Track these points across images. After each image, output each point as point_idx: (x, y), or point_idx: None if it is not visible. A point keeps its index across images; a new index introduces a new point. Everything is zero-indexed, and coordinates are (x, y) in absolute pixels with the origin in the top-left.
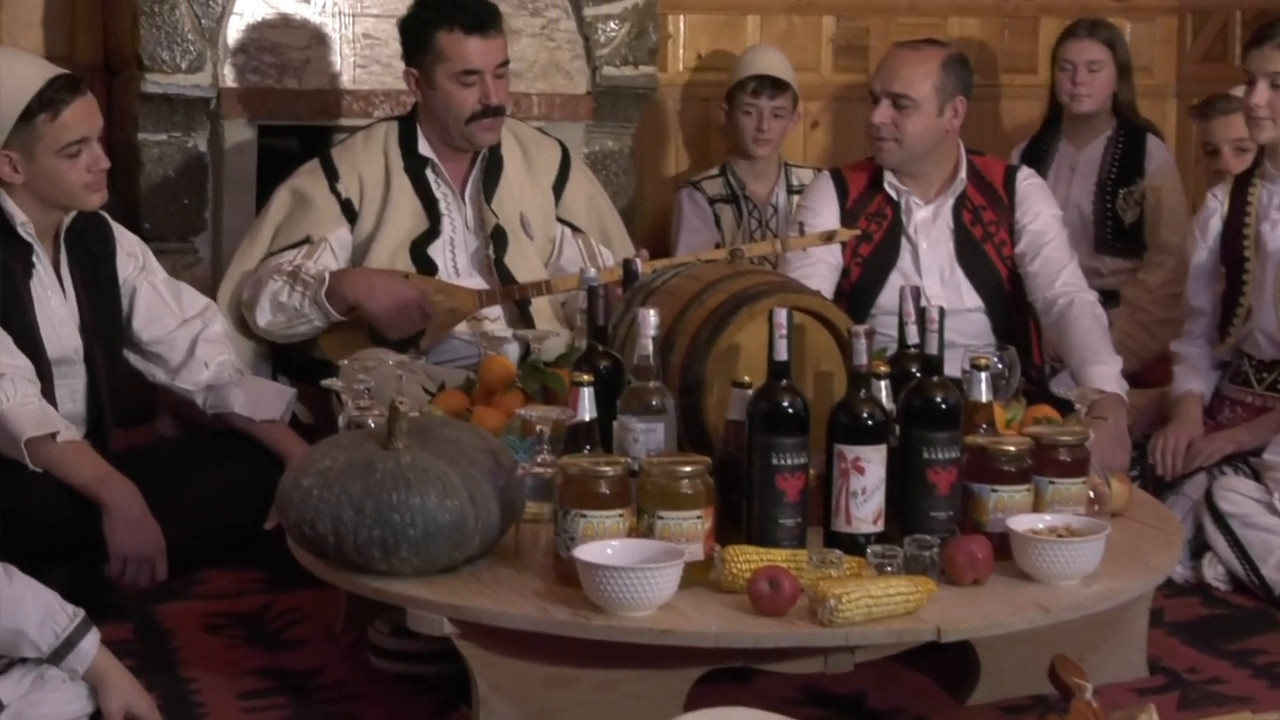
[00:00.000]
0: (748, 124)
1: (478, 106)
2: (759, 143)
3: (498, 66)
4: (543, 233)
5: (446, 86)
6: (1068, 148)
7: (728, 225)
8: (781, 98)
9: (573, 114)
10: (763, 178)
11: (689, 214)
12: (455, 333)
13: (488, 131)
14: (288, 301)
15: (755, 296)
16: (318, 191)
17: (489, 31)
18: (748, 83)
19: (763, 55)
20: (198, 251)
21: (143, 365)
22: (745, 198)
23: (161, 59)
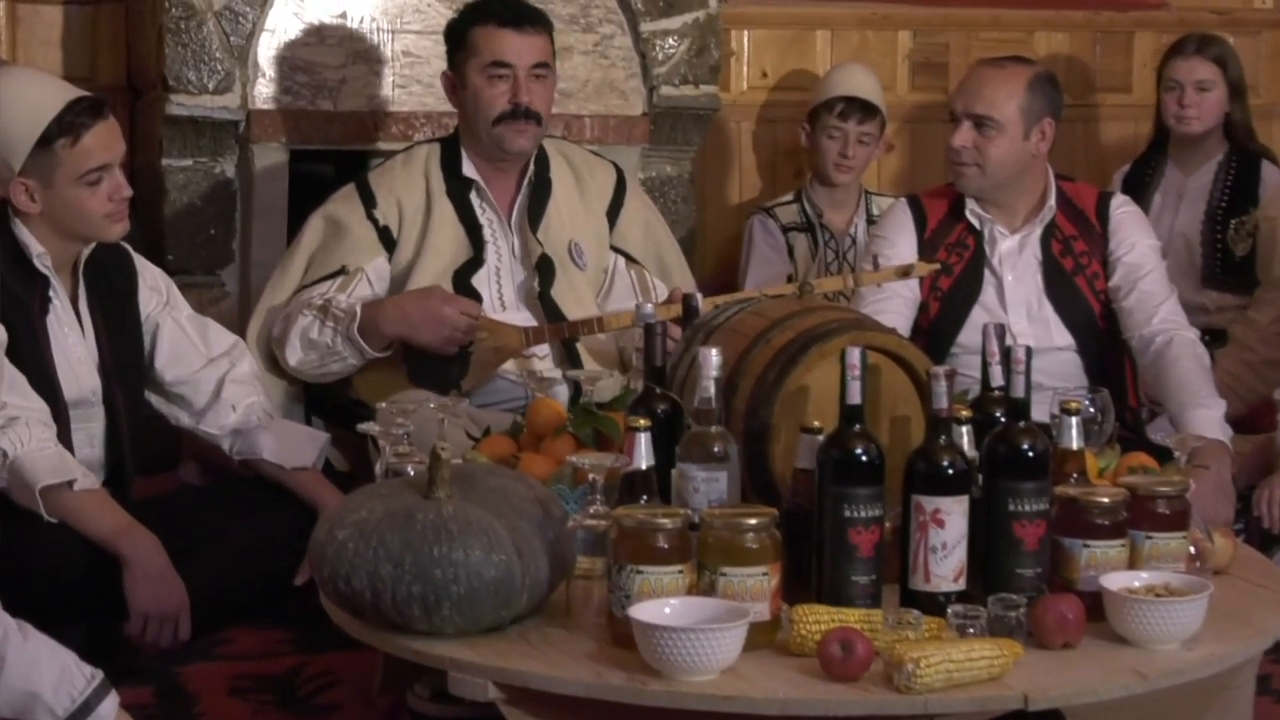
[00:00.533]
0: (830, 148)
1: (507, 106)
2: (841, 169)
3: (534, 66)
4: (595, 262)
5: (476, 82)
6: (1175, 173)
7: (801, 256)
8: (870, 123)
9: (628, 137)
10: (841, 206)
11: (760, 243)
12: (501, 373)
13: (518, 136)
14: (319, 338)
15: (826, 335)
16: (353, 218)
17: (525, 27)
18: (834, 104)
19: (852, 75)
20: (225, 285)
21: (166, 408)
22: (822, 226)
23: (188, 79)
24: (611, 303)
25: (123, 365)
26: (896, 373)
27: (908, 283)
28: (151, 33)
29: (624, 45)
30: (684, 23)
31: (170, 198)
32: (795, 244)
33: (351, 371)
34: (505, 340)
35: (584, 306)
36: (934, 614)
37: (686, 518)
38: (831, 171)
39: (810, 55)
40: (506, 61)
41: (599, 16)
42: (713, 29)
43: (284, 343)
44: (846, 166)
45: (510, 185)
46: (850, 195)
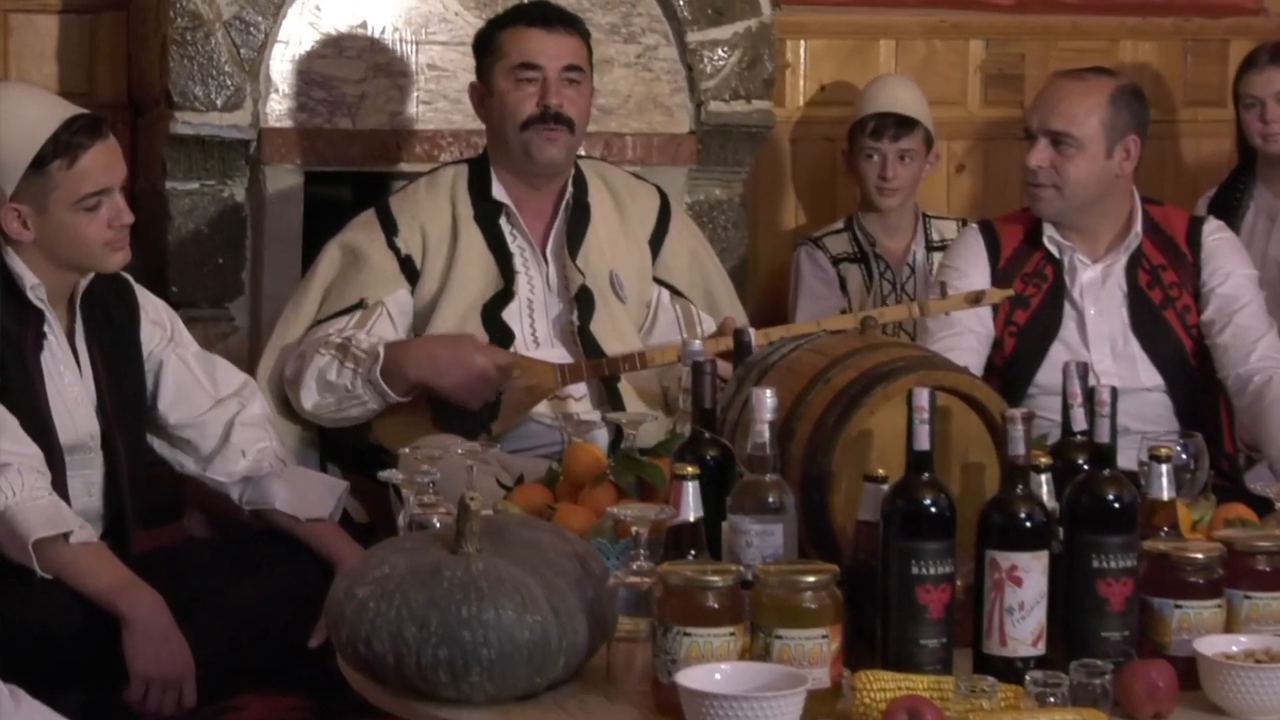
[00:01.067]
0: (869, 170)
1: (535, 109)
2: (883, 192)
3: (566, 69)
4: (637, 295)
5: (503, 86)
6: (1264, 195)
7: (855, 288)
8: (908, 138)
9: (673, 157)
10: (896, 232)
11: (808, 276)
12: (534, 415)
13: (548, 144)
14: (337, 380)
15: (891, 374)
16: (373, 247)
17: (555, 26)
18: (866, 122)
19: (886, 88)
20: (234, 319)
21: (169, 453)
22: (876, 255)
23: (194, 95)
24: (655, 340)
25: (123, 407)
26: (968, 415)
27: (980, 318)
28: (155, 44)
29: (669, 57)
30: (735, 32)
31: (174, 224)
32: (847, 276)
33: (372, 416)
34: (539, 379)
35: (625, 343)
36: (1011, 681)
37: (738, 575)
38: (875, 195)
39: (872, 67)
40: (535, 62)
41: (641, 25)
42: (766, 39)
43: (298, 384)
44: (890, 189)
45: (545, 209)
46: (904, 220)
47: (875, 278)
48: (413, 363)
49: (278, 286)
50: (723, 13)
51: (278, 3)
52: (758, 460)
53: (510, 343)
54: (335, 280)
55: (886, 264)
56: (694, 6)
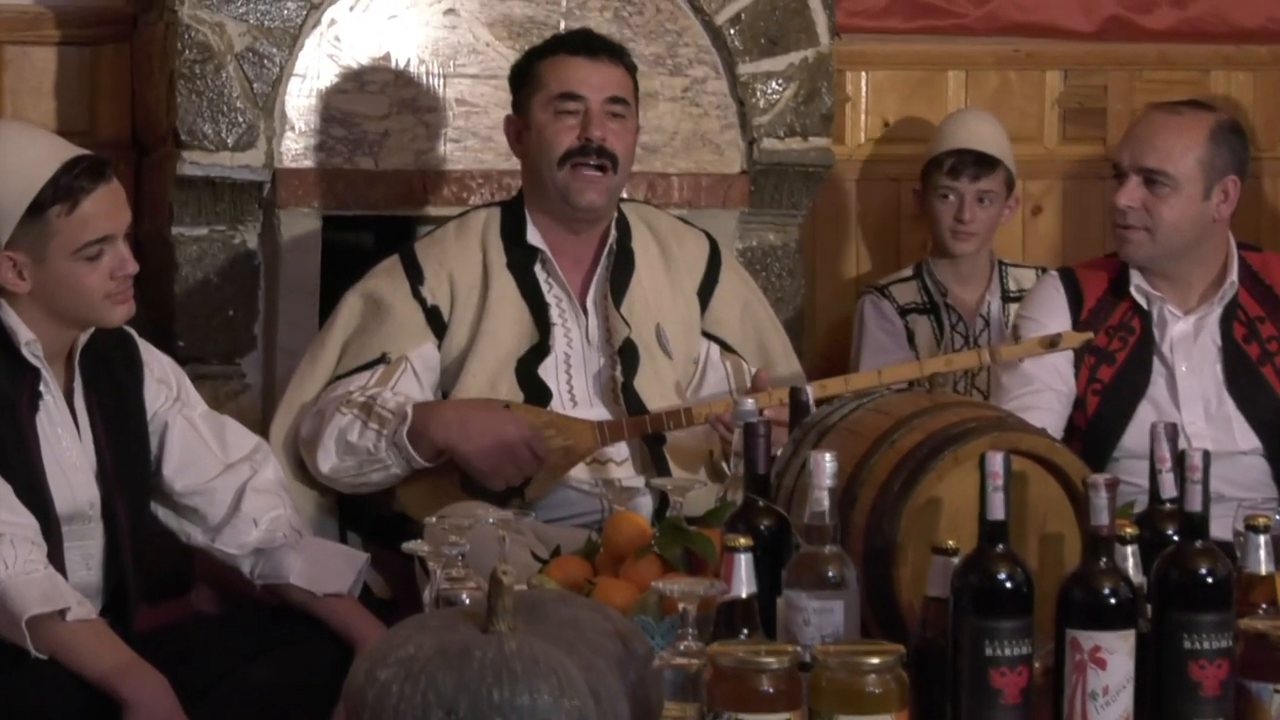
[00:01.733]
0: (944, 212)
1: (576, 142)
2: (959, 236)
3: (609, 101)
4: (684, 350)
5: (541, 118)
6: None
7: (924, 342)
8: (989, 178)
9: (723, 199)
10: (970, 281)
11: (873, 328)
12: (571, 480)
13: (588, 187)
14: (359, 442)
15: (962, 436)
16: (397, 297)
17: (599, 55)
18: (944, 159)
19: (966, 123)
20: (245, 377)
21: (175, 523)
22: (947, 306)
23: (203, 133)
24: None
25: (125, 472)
26: (1047, 482)
27: (1060, 374)
28: (161, 79)
29: (719, 90)
30: (790, 63)
31: (182, 273)
32: (915, 328)
33: (396, 482)
34: (576, 439)
35: (671, 402)
36: None
37: (795, 655)
38: (948, 239)
39: (940, 101)
40: (576, 92)
41: (689, 57)
42: (824, 70)
43: (315, 445)
44: (965, 233)
45: (585, 256)
46: (979, 268)
47: (946, 330)
48: (440, 425)
49: (293, 341)
50: (777, 42)
51: (294, 33)
52: (816, 530)
53: (547, 401)
54: (355, 333)
55: (959, 315)
56: (746, 36)
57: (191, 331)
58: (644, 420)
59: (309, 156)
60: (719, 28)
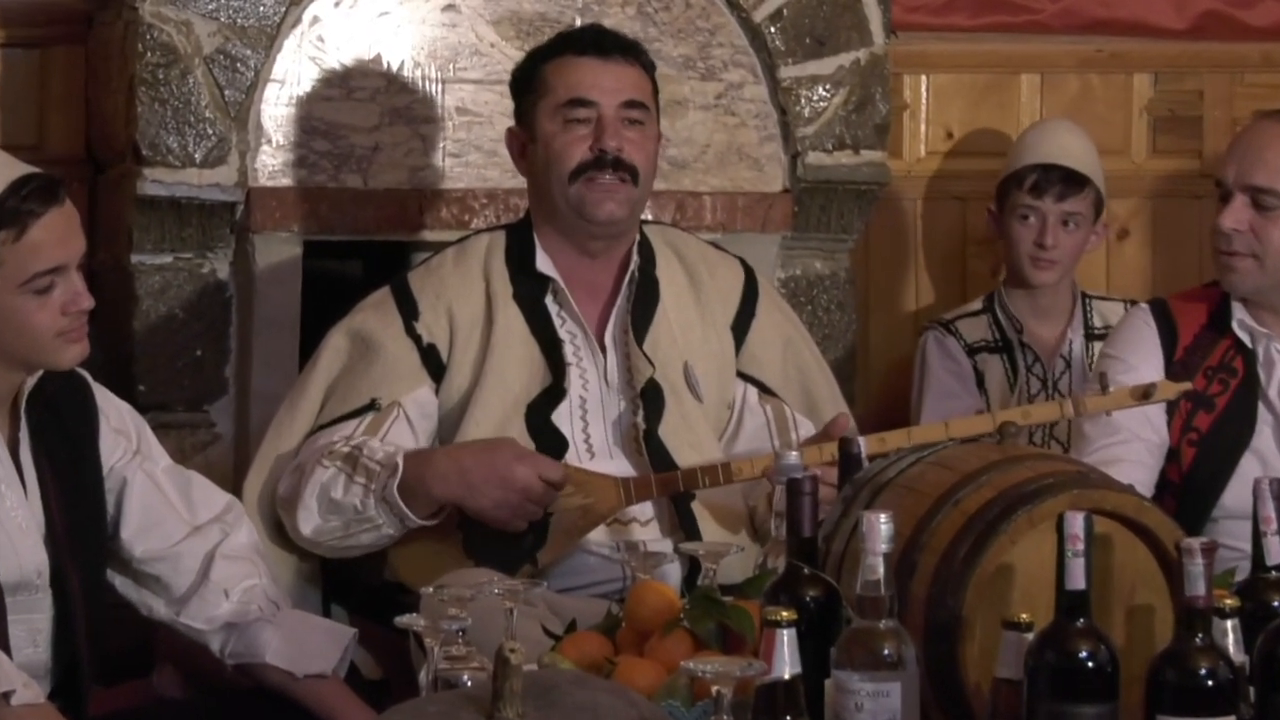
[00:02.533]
0: (1023, 236)
1: (588, 154)
2: (1040, 264)
3: (625, 106)
4: (716, 393)
5: (548, 128)
6: None
7: (995, 385)
8: (1076, 198)
9: (763, 221)
10: (1049, 315)
11: (937, 368)
12: (589, 543)
13: (605, 198)
14: (344, 499)
15: (1037, 494)
16: (388, 335)
17: (612, 55)
18: (1025, 175)
19: (1052, 135)
20: (215, 426)
21: (135, 593)
22: (1022, 344)
23: (167, 147)
24: (739, 450)
25: (78, 536)
26: (1135, 546)
27: (1151, 422)
28: (119, 85)
29: (757, 96)
30: (839, 66)
31: (143, 308)
32: (986, 369)
33: (387, 544)
34: (596, 496)
35: (702, 452)
36: None
37: None
38: (1027, 267)
39: (1012, 108)
40: (587, 98)
41: (723, 59)
42: (879, 74)
43: (295, 504)
44: (1047, 261)
45: (602, 285)
46: (1059, 301)
47: (1021, 372)
48: (437, 476)
49: (270, 385)
50: (824, 42)
51: (271, 33)
52: (870, 602)
53: (562, 452)
54: (340, 376)
55: (1035, 355)
56: (788, 35)
57: (153, 374)
58: (675, 477)
59: (288, 174)
60: (757, 26)
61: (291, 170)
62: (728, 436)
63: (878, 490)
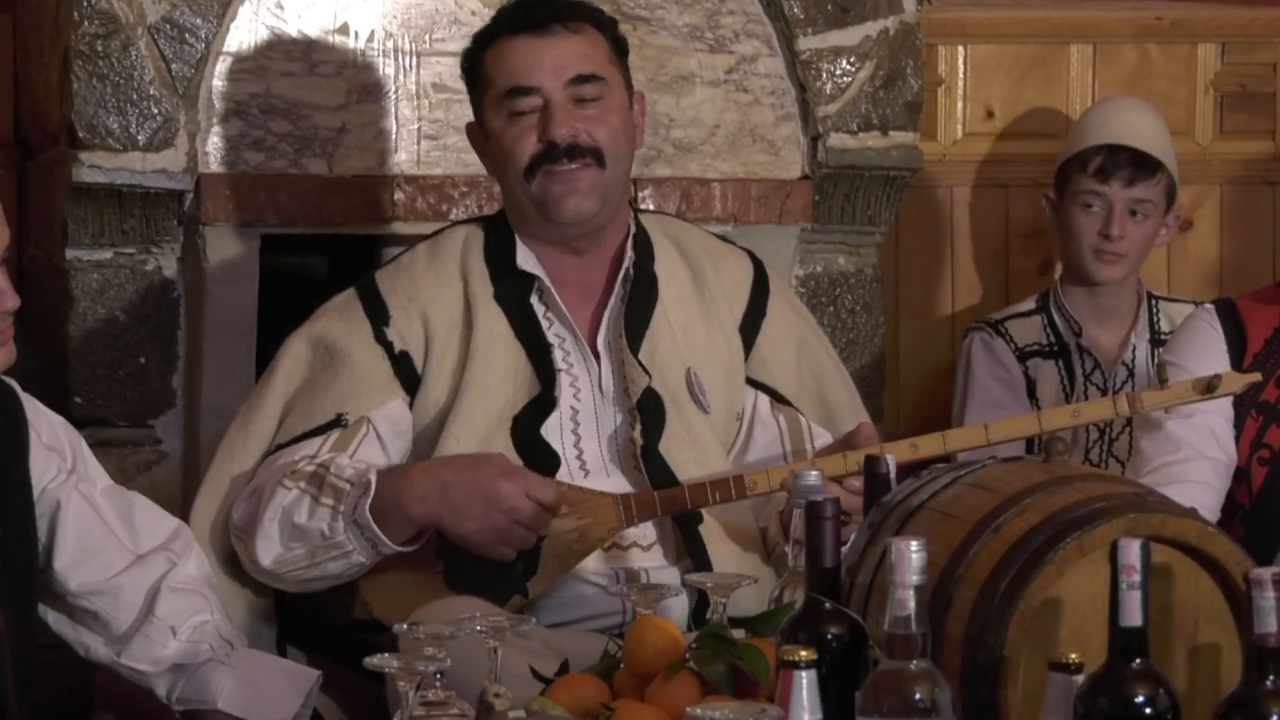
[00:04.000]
0: (1086, 226)
1: (537, 147)
2: (1104, 258)
3: (571, 83)
4: (723, 402)
5: (495, 124)
6: None
7: (1049, 393)
8: (1147, 184)
9: (779, 212)
10: (1111, 317)
11: (983, 375)
12: (585, 572)
13: (565, 192)
14: (309, 523)
15: (1088, 519)
16: (354, 341)
17: (550, 28)
18: (1089, 157)
19: (1120, 113)
20: (160, 443)
21: (71, 631)
22: (1081, 349)
23: (106, 129)
24: (750, 465)
25: (4, 567)
26: (1198, 578)
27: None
28: (53, 58)
29: (772, 71)
30: (865, 36)
31: (79, 309)
32: (1038, 375)
33: (358, 574)
34: (593, 517)
35: (708, 469)
36: None
37: None
38: (1090, 261)
39: (1060, 83)
40: (526, 85)
41: (734, 28)
42: (910, 45)
43: (253, 531)
44: (1112, 254)
45: (593, 283)
46: (1124, 301)
47: (1078, 379)
48: (415, 496)
49: (223, 397)
50: (848, 9)
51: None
52: (900, 641)
53: (554, 469)
54: (302, 388)
55: (1095, 361)
56: (808, 2)
57: (91, 385)
58: (681, 494)
59: (243, 158)
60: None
61: (247, 154)
62: (736, 451)
63: (908, 515)
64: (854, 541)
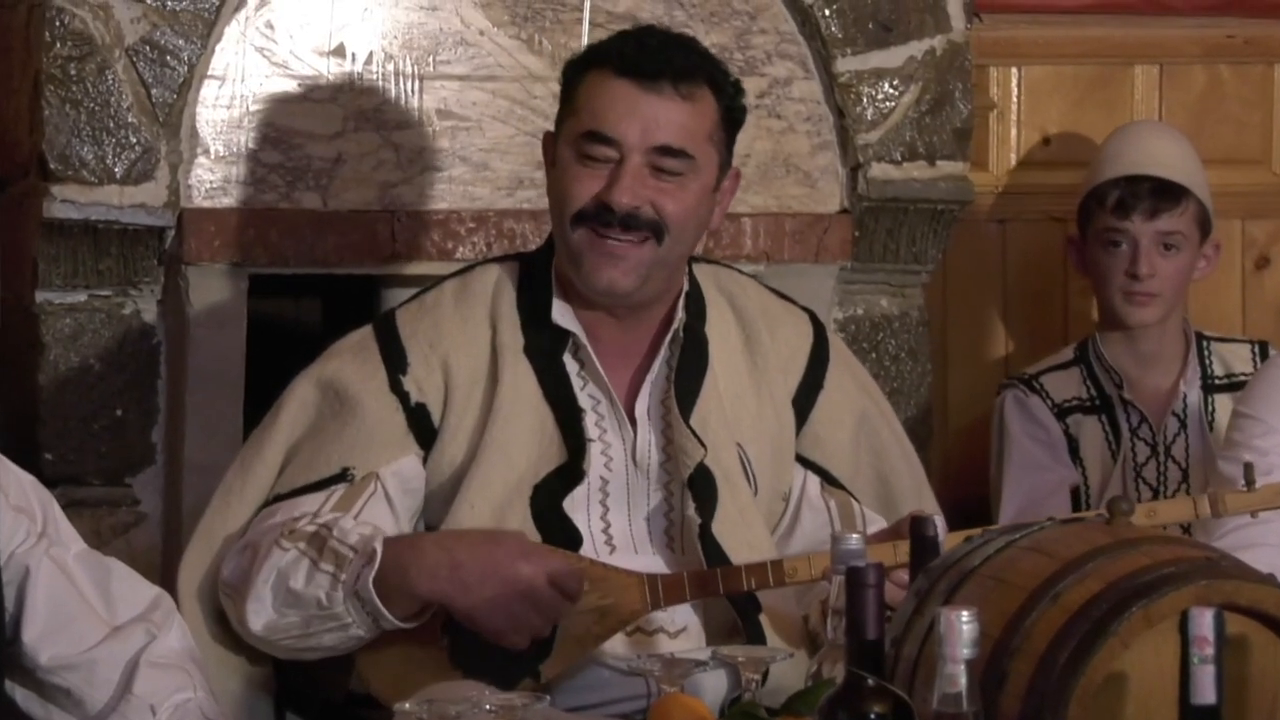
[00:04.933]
0: (1113, 266)
1: (589, 203)
2: (1133, 299)
3: (654, 152)
4: (770, 480)
5: (565, 155)
6: None
7: (1094, 454)
8: (1172, 215)
9: (815, 249)
10: (1155, 363)
11: (1019, 435)
12: (605, 655)
13: (603, 263)
14: (305, 590)
15: (1156, 586)
16: (368, 389)
17: (657, 81)
18: (1105, 191)
19: (1138, 140)
20: (139, 503)
21: (40, 710)
22: (1125, 403)
23: (81, 160)
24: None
25: None
26: (1277, 649)
27: None
28: (23, 84)
29: (809, 95)
30: (910, 57)
31: (49, 357)
32: (1080, 433)
33: (355, 647)
34: (615, 597)
35: (758, 553)
36: None
37: None
38: (1120, 305)
39: (1123, 108)
40: (608, 135)
41: (766, 48)
42: (958, 66)
43: (245, 593)
44: (1143, 294)
45: (636, 343)
46: (1167, 345)
47: (1124, 436)
48: (425, 570)
49: (208, 453)
50: (891, 28)
51: (209, 18)
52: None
53: (576, 548)
54: (307, 435)
55: (1141, 414)
56: (847, 19)
57: (63, 439)
58: (714, 576)
59: (230, 192)
60: (808, 7)
61: (234, 188)
62: (780, 534)
63: (959, 581)
64: (899, 611)
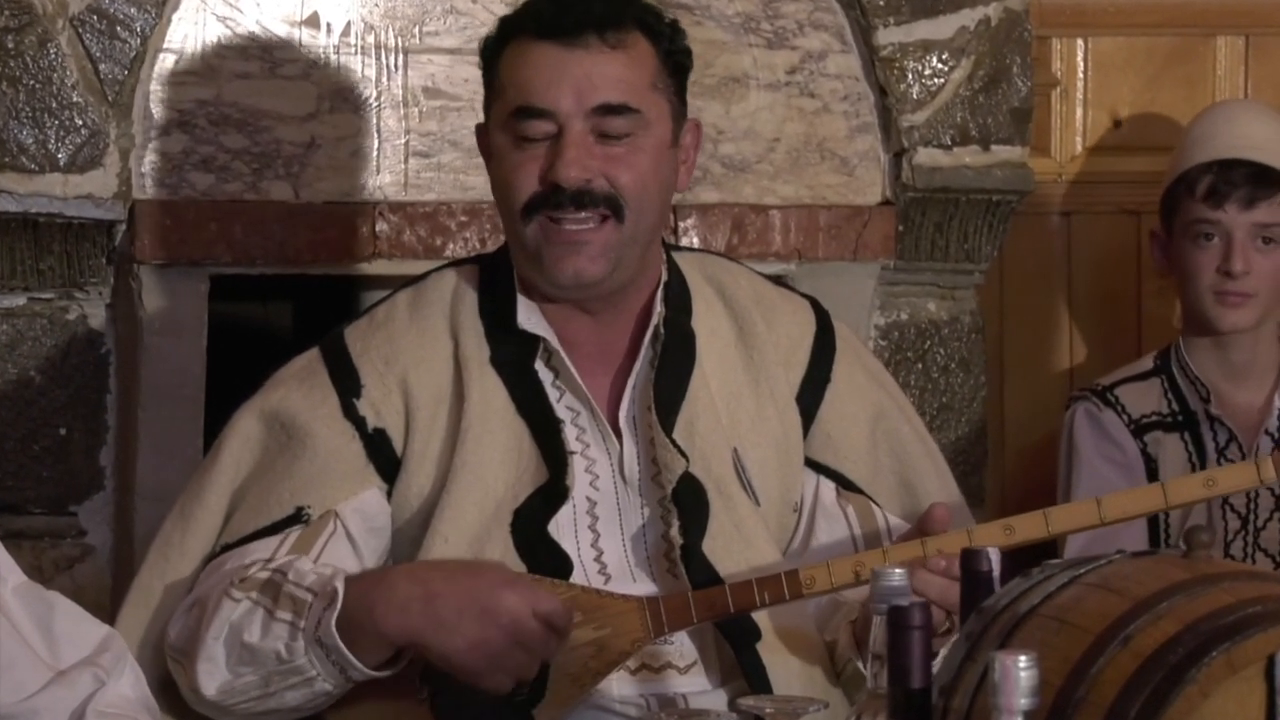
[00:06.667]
0: (1200, 262)
1: (537, 187)
2: (1227, 301)
3: (595, 112)
4: (776, 490)
5: (499, 143)
6: None
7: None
8: (1271, 204)
9: (853, 246)
10: (1247, 374)
11: (1090, 455)
12: (606, 697)
13: (564, 253)
14: (262, 643)
15: (1238, 628)
16: (318, 416)
17: (581, 35)
18: (1196, 179)
19: (1231, 122)
20: (85, 534)
21: None
22: (1211, 419)
23: (19, 145)
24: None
25: None
26: None
27: None
28: None
29: (846, 71)
30: (961, 27)
31: None
32: (1160, 452)
33: (324, 705)
34: (613, 626)
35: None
36: None
37: None
38: (1210, 306)
39: (1203, 84)
40: (538, 106)
41: (798, 18)
42: (1016, 38)
43: (194, 654)
44: (1238, 295)
45: (614, 343)
46: (1261, 352)
47: (1210, 455)
48: (396, 606)
49: (163, 477)
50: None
51: None
52: None
53: (566, 576)
54: (254, 475)
55: (1230, 432)
56: None
57: (1, 463)
58: (721, 594)
59: (188, 181)
60: None
61: (193, 176)
62: (793, 550)
63: (1016, 622)
64: (948, 656)
